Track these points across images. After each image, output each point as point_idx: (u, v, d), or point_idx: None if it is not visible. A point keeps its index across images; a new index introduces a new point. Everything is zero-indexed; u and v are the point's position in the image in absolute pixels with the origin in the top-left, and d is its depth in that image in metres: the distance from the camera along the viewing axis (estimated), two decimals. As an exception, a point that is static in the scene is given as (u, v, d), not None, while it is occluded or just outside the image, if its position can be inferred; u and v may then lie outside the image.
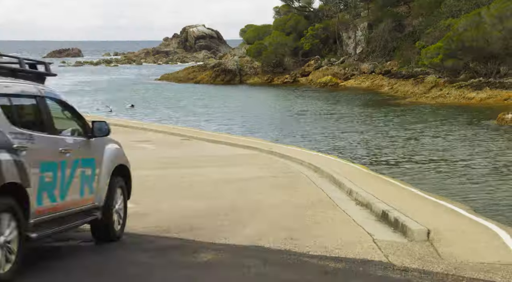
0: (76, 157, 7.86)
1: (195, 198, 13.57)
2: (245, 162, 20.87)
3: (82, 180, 8.03)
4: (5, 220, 6.30)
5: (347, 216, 11.26)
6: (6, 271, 6.25)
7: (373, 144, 28.01)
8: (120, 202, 9.17)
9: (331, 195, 13.88)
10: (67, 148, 7.68)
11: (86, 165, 8.12)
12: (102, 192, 8.55)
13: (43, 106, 7.52)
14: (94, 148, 8.43)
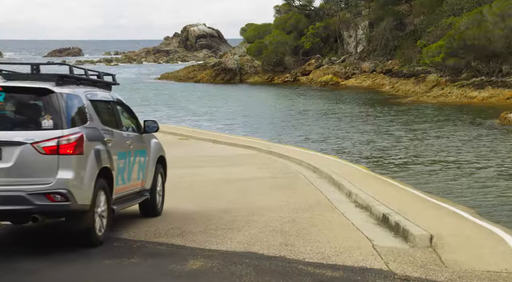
0: (136, 148, 10.07)
1: (192, 198, 13.12)
2: (245, 162, 20.47)
3: (139, 166, 10.18)
4: (101, 196, 8.65)
5: (346, 219, 10.79)
6: (101, 234, 8.79)
7: (374, 144, 27.53)
8: (160, 185, 11.26)
9: (329, 196, 13.42)
10: (131, 141, 9.91)
11: (141, 155, 10.30)
12: (150, 177, 10.70)
13: (115, 109, 9.83)
14: (145, 141, 10.65)
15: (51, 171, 7.99)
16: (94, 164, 8.49)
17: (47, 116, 8.12)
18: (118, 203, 9.40)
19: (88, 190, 8.34)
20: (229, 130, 34.59)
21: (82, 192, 8.24)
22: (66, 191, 8.05)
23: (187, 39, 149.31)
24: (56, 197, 8.01)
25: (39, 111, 8.20)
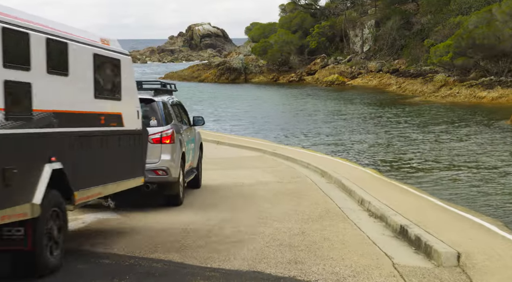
0: (190, 137, 13.74)
1: (191, 207, 12.25)
2: (250, 164, 19.60)
3: (192, 151, 13.78)
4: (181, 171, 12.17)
5: (360, 231, 9.88)
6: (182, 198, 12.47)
7: (385, 147, 26.57)
8: (200, 165, 14.89)
9: (340, 204, 12.53)
10: (188, 132, 13.57)
11: (192, 142, 13.90)
12: (196, 158, 14.35)
13: (179, 109, 13.66)
14: (193, 132, 14.39)
15: (157, 154, 11.57)
16: (179, 149, 12.31)
17: (152, 117, 11.85)
18: (186, 176, 12.96)
19: (177, 167, 12.03)
20: (234, 131, 33.73)
21: (174, 168, 11.88)
22: (166, 168, 11.71)
23: (192, 39, 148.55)
24: (160, 172, 11.63)
25: (147, 114, 11.64)
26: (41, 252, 6.92)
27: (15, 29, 6.43)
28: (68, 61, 7.65)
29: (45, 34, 7.10)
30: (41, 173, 6.88)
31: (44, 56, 7.02)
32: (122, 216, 11.42)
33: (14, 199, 6.39)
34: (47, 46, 7.08)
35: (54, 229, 7.27)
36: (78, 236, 9.76)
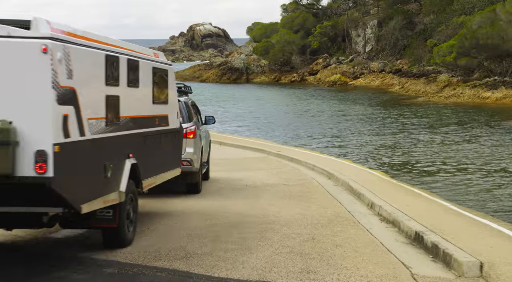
0: (203, 134, 15.21)
1: (196, 211, 11.85)
2: (254, 166, 19.20)
3: (205, 145, 15.29)
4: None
5: (372, 237, 9.47)
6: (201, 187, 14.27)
7: (390, 148, 26.13)
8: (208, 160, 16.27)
9: (349, 208, 12.12)
10: (201, 129, 15.03)
11: (205, 138, 15.45)
12: (206, 153, 15.64)
13: (195, 108, 14.98)
14: (205, 129, 15.93)
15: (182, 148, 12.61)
16: (199, 143, 14.16)
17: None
18: (201, 168, 14.36)
19: (198, 159, 13.74)
20: (237, 132, 33.32)
21: (196, 160, 13.59)
22: (190, 159, 13.36)
23: (193, 39, 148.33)
24: (185, 162, 12.87)
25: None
26: (123, 228, 8.75)
27: (111, 55, 8.26)
28: (139, 75, 9.34)
29: (127, 55, 8.89)
30: (124, 167, 8.71)
31: (126, 73, 8.77)
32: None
33: (110, 187, 8.23)
34: (128, 65, 8.84)
35: (131, 211, 9.07)
36: (77, 241, 9.36)
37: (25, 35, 6.87)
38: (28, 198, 7.09)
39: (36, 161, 6.74)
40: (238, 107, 48.00)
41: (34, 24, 6.92)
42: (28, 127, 6.74)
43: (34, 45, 6.80)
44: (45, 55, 6.77)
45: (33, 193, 6.96)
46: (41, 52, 6.77)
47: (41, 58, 6.78)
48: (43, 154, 6.73)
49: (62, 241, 9.44)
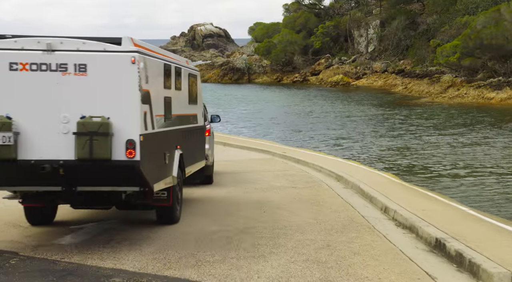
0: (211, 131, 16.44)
1: (205, 215, 11.46)
2: (260, 168, 18.82)
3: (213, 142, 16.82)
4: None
5: (391, 244, 9.06)
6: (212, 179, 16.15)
7: (398, 150, 25.68)
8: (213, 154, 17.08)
9: (363, 212, 11.72)
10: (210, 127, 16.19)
11: (212, 135, 16.52)
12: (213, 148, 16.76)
13: (204, 108, 15.30)
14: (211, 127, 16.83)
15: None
16: (213, 140, 16.34)
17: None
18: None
19: (212, 154, 15.97)
20: (241, 132, 32.91)
21: (211, 155, 15.74)
22: (207, 154, 14.64)
23: (194, 39, 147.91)
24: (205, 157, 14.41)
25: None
26: (175, 207, 10.61)
27: (167, 64, 10.09)
28: (181, 80, 11.25)
29: (174, 64, 10.74)
30: (175, 156, 10.45)
31: (174, 78, 10.61)
32: (129, 225, 10.64)
33: (167, 172, 9.95)
34: (175, 72, 10.72)
35: (179, 193, 10.91)
36: (84, 248, 8.97)
37: (117, 49, 8.63)
38: (117, 178, 8.78)
39: (127, 148, 8.50)
40: (240, 108, 47.57)
41: (124, 41, 8.70)
42: (120, 121, 8.48)
43: (125, 57, 8.58)
44: (133, 65, 8.56)
45: (122, 174, 8.64)
46: (131, 63, 8.57)
47: (130, 67, 8.56)
48: (132, 142, 8.50)
49: (67, 248, 9.04)
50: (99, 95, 8.58)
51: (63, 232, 10.09)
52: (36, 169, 8.49)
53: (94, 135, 8.37)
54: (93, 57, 8.61)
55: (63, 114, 8.54)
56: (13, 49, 8.64)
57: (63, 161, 8.48)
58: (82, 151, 8.39)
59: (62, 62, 8.60)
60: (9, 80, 8.59)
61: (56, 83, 8.58)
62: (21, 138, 8.50)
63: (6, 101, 8.57)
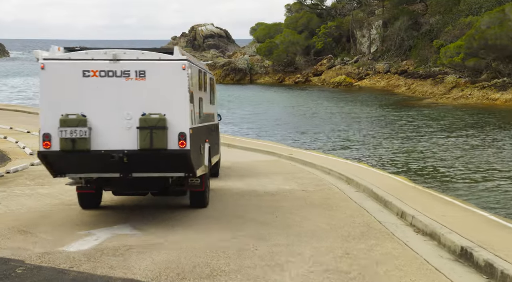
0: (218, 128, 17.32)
1: (216, 219, 11.08)
2: (267, 170, 18.41)
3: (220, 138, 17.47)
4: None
5: (414, 253, 8.68)
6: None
7: (407, 151, 25.25)
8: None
9: (379, 217, 11.34)
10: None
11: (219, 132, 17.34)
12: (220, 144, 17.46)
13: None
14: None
15: None
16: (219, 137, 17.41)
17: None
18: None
19: (219, 149, 16.80)
20: (245, 134, 32.49)
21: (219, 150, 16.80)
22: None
23: (195, 39, 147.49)
24: None
25: None
26: (206, 192, 12.14)
27: (199, 69, 11.90)
28: (207, 83, 13.00)
29: (203, 69, 12.61)
30: (205, 148, 12.04)
31: (203, 81, 12.44)
32: (139, 231, 10.26)
33: (202, 162, 11.54)
34: (204, 75, 12.59)
35: (208, 179, 12.40)
36: (93, 256, 8.60)
37: (170, 58, 10.38)
38: (168, 165, 10.50)
39: (179, 139, 10.23)
40: (244, 108, 47.14)
41: (175, 51, 10.46)
42: (173, 117, 10.22)
43: (177, 64, 10.34)
44: (184, 71, 10.33)
45: (174, 161, 10.40)
46: (181, 69, 10.33)
47: (181, 73, 10.32)
48: (183, 134, 10.26)
49: (76, 256, 8.67)
50: (156, 96, 10.32)
51: (70, 238, 9.72)
52: (105, 157, 10.24)
53: (154, 129, 10.13)
54: (150, 64, 10.36)
55: (126, 112, 10.29)
56: (85, 60, 10.38)
57: (127, 151, 10.20)
58: (144, 142, 10.13)
59: (125, 69, 10.34)
60: (82, 85, 10.33)
61: (121, 87, 10.32)
62: (93, 133, 10.24)
63: (81, 102, 10.29)
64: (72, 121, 10.19)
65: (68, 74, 10.34)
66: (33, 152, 21.39)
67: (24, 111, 38.67)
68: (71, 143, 10.16)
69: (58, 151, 10.23)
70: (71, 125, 10.19)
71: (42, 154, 10.39)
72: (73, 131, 10.16)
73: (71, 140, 10.16)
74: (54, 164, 10.54)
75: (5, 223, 10.88)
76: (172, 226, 10.55)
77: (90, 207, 12.18)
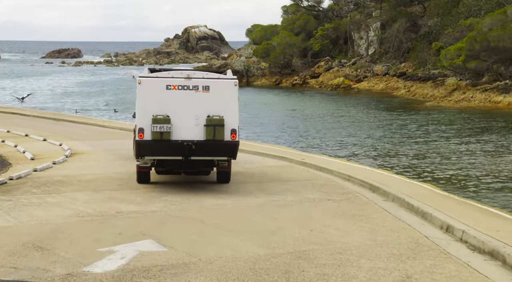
0: None
1: (246, 234, 10.17)
2: (284, 176, 17.51)
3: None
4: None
5: (484, 277, 7.80)
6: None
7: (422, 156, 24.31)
8: None
9: (423, 231, 10.47)
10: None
11: None
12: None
13: None
14: None
15: None
16: None
17: None
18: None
19: None
20: (249, 138, 31.53)
21: None
22: None
23: (188, 41, 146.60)
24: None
25: None
26: (230, 172, 15.62)
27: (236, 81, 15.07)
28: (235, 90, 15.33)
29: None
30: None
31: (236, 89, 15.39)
32: (166, 247, 9.34)
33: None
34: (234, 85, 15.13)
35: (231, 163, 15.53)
36: (123, 279, 7.68)
37: (226, 78, 14.69)
38: (219, 151, 14.53)
39: (231, 133, 14.35)
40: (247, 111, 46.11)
41: (228, 72, 15.14)
42: (228, 118, 14.32)
43: (231, 82, 14.56)
44: (235, 86, 14.54)
45: (226, 149, 14.45)
46: (234, 85, 14.53)
47: (233, 87, 14.52)
48: (234, 130, 14.38)
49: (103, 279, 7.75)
50: (216, 103, 14.49)
51: (92, 257, 8.81)
52: (181, 145, 14.36)
53: (216, 126, 14.32)
54: (213, 81, 14.56)
55: (196, 114, 14.45)
56: (167, 77, 14.64)
57: (196, 141, 14.36)
58: (209, 135, 14.31)
59: (195, 85, 14.57)
60: (166, 95, 14.47)
61: (192, 97, 14.52)
62: (173, 128, 14.35)
63: (165, 107, 14.40)
64: (160, 120, 14.26)
65: (156, 87, 14.50)
66: (34, 156, 20.43)
67: (20, 113, 37.56)
68: (159, 134, 14.24)
69: (150, 140, 14.27)
70: (160, 122, 14.26)
71: (138, 142, 14.38)
72: (161, 127, 14.27)
73: (159, 133, 14.24)
74: (142, 149, 14.49)
75: (18, 238, 9.94)
76: (200, 241, 9.64)
77: (145, 182, 15.48)
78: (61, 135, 26.16)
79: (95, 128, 29.58)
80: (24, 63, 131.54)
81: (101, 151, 22.35)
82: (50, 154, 21.12)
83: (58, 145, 23.77)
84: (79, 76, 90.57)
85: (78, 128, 29.74)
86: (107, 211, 12.28)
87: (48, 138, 25.15)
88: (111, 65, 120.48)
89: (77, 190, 14.78)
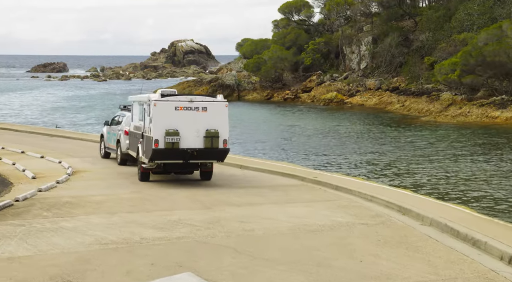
0: None
1: (289, 265, 9.28)
2: (300, 197, 16.70)
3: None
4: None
5: None
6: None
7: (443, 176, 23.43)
8: None
9: (486, 263, 9.63)
10: None
11: None
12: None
13: None
14: None
15: None
16: None
17: None
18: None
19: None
20: (251, 154, 30.65)
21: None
22: None
23: (175, 55, 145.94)
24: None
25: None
26: (212, 171, 19.59)
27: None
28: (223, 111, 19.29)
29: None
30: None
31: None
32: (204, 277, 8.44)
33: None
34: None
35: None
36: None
37: (219, 101, 18.78)
38: (213, 156, 18.42)
39: (224, 143, 18.35)
40: (243, 127, 45.25)
41: (219, 97, 19.08)
42: (221, 131, 18.38)
43: (223, 104, 18.71)
44: (226, 108, 18.72)
45: (219, 154, 18.44)
46: (225, 107, 18.69)
47: (225, 108, 18.66)
48: (225, 140, 18.39)
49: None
50: (213, 120, 18.36)
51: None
52: (186, 151, 18.02)
53: (213, 137, 18.16)
54: (209, 103, 18.51)
55: (197, 128, 18.16)
56: (176, 101, 18.37)
57: (197, 148, 18.07)
58: (208, 144, 18.06)
59: (196, 106, 18.40)
60: (175, 114, 18.18)
61: (195, 115, 18.28)
62: (181, 139, 18.06)
63: (174, 123, 18.06)
64: (172, 133, 17.99)
65: (167, 108, 18.23)
66: (35, 175, 19.47)
67: (11, 129, 36.42)
68: (171, 144, 17.91)
69: (163, 149, 17.92)
70: (171, 135, 17.97)
71: (155, 150, 17.85)
72: (173, 138, 17.97)
73: (171, 143, 17.91)
74: (156, 155, 18.00)
75: (43, 270, 9.01)
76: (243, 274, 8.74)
77: (146, 180, 19.18)
78: (58, 152, 25.28)
79: (91, 145, 28.67)
80: (9, 77, 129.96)
81: (101, 168, 21.74)
82: (51, 172, 20.24)
83: (57, 162, 22.86)
84: (66, 90, 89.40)
85: (74, 144, 28.90)
86: (130, 238, 11.37)
87: (46, 156, 24.24)
88: (98, 80, 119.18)
89: (90, 213, 13.88)
